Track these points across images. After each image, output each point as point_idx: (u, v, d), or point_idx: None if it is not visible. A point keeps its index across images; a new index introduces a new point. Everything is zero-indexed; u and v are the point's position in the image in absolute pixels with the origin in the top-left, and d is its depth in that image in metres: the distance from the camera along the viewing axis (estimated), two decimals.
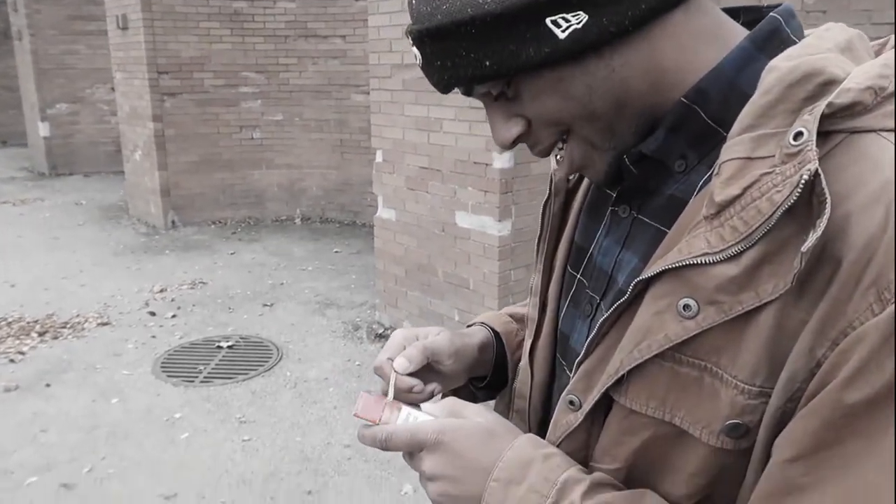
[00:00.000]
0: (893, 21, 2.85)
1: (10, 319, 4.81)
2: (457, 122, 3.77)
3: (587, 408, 0.61)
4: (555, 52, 0.55)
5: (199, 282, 5.64)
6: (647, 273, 0.55)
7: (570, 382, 0.64)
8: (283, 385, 3.91)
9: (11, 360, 4.19)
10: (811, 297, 0.48)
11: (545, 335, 0.75)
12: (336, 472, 3.08)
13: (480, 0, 0.55)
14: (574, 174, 0.74)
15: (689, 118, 0.58)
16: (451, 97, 3.72)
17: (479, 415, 0.65)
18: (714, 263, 0.50)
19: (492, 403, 0.89)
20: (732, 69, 0.57)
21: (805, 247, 0.45)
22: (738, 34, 0.59)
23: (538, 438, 0.65)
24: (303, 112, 7.32)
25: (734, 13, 0.63)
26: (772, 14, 0.59)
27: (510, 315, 0.90)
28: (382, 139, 4.30)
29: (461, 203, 3.86)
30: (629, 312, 0.57)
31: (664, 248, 0.56)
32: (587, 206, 0.73)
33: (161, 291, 5.40)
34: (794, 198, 0.47)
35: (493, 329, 0.87)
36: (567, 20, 0.54)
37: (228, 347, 4.38)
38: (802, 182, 0.46)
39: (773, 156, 0.49)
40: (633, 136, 0.60)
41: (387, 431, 0.65)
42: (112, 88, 8.52)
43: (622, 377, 0.57)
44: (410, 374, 0.73)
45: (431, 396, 0.74)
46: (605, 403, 0.60)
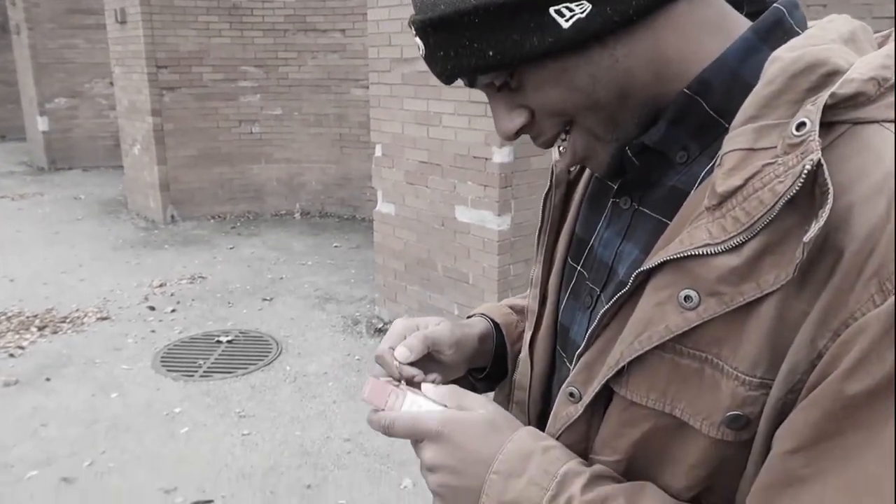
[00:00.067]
0: (894, 15, 2.84)
1: (10, 314, 4.81)
2: (456, 117, 3.77)
3: (587, 400, 0.61)
4: (558, 42, 0.54)
5: (199, 276, 5.64)
6: (649, 264, 0.55)
7: (571, 374, 0.64)
8: (283, 379, 3.91)
9: (11, 355, 4.19)
10: (813, 288, 0.47)
11: (545, 327, 0.75)
12: (336, 466, 3.08)
13: None
14: (576, 165, 0.74)
15: (692, 109, 0.58)
16: (451, 91, 3.72)
17: (481, 406, 0.66)
18: (715, 254, 0.50)
19: (491, 395, 0.89)
20: (735, 60, 0.57)
21: (807, 237, 0.45)
22: (742, 25, 0.59)
23: (538, 431, 0.65)
24: (302, 106, 7.31)
25: (738, 4, 0.63)
26: (775, 5, 0.59)
27: (510, 306, 0.90)
28: (382, 133, 4.29)
29: (461, 197, 3.85)
30: (630, 304, 0.57)
31: (665, 240, 0.56)
32: (588, 198, 0.73)
33: (160, 286, 5.40)
34: (797, 188, 0.47)
35: (493, 320, 0.87)
36: (571, 9, 0.53)
37: (228, 342, 4.38)
38: (805, 172, 0.46)
39: (776, 146, 0.49)
40: (636, 128, 0.60)
41: (390, 418, 0.66)
42: (111, 83, 8.50)
43: (622, 369, 0.57)
44: (411, 364, 0.73)
45: (433, 384, 0.74)
46: (606, 395, 0.60)
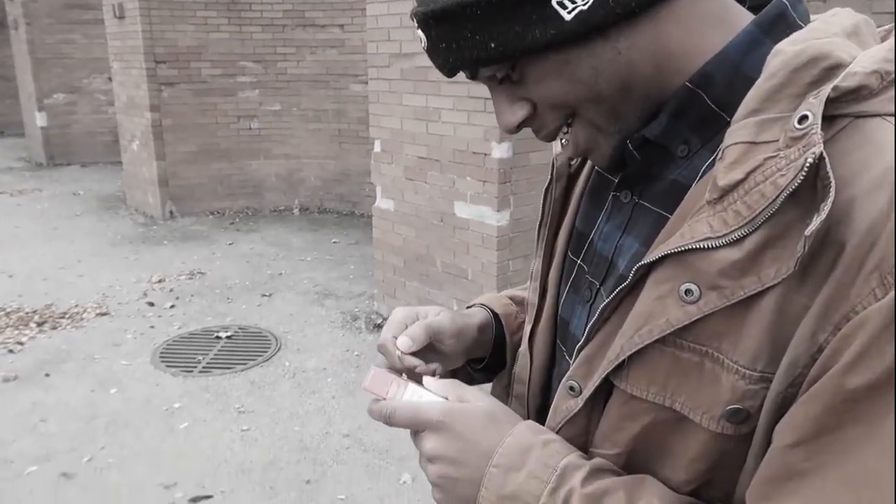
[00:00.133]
0: (894, 9, 2.84)
1: (9, 310, 4.81)
2: (455, 112, 3.76)
3: (587, 393, 0.61)
4: (560, 34, 0.54)
5: (198, 272, 5.64)
6: (649, 258, 0.54)
7: (571, 368, 0.63)
8: (282, 375, 3.91)
9: (10, 351, 4.19)
10: (814, 282, 0.47)
11: (545, 320, 0.75)
12: (335, 462, 3.09)
13: None
14: (578, 158, 0.74)
15: (693, 103, 0.58)
16: (450, 86, 3.71)
17: (481, 399, 0.66)
18: (716, 248, 0.50)
19: (488, 387, 0.89)
20: (738, 53, 0.57)
21: (809, 230, 0.45)
22: (745, 18, 0.58)
23: (538, 425, 0.65)
24: (301, 102, 7.30)
25: None
26: None
27: (510, 297, 0.90)
28: (381, 129, 4.28)
29: (460, 193, 3.85)
30: (630, 298, 0.57)
31: (666, 233, 0.56)
32: (588, 192, 0.73)
33: (159, 282, 5.40)
34: (799, 181, 0.46)
35: (493, 311, 0.87)
36: (573, 1, 0.53)
37: (227, 338, 4.38)
38: (807, 165, 0.46)
39: (778, 140, 0.49)
40: (639, 121, 0.60)
41: (391, 407, 0.66)
42: (109, 78, 8.48)
43: (623, 362, 0.57)
44: (413, 354, 0.73)
45: (434, 374, 0.75)
46: (606, 389, 0.60)
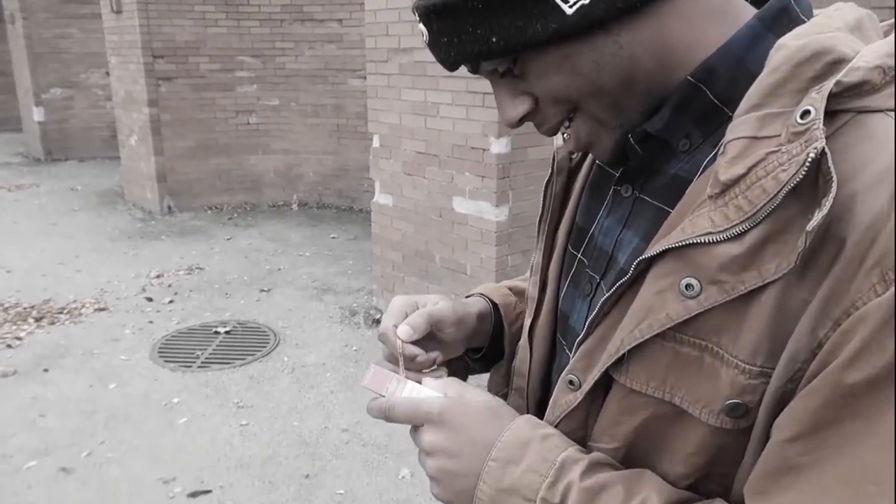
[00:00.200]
0: (894, 5, 2.84)
1: (7, 305, 4.80)
2: (454, 107, 3.75)
3: (587, 387, 0.61)
4: (562, 28, 0.54)
5: (196, 267, 5.63)
6: (650, 252, 0.54)
7: (570, 362, 0.64)
8: (281, 370, 3.92)
9: (9, 346, 4.19)
10: (814, 277, 0.47)
11: (545, 314, 0.75)
12: (334, 456, 3.09)
13: None
14: (579, 152, 0.74)
15: (695, 97, 0.57)
16: (448, 81, 3.70)
17: (479, 395, 0.66)
18: (717, 243, 0.50)
19: (485, 378, 0.90)
20: (740, 48, 0.56)
21: (810, 226, 0.45)
22: (747, 12, 0.58)
23: (536, 419, 0.65)
24: (299, 97, 7.28)
25: None
26: None
27: (509, 288, 0.90)
28: (379, 124, 4.27)
29: (458, 188, 3.85)
30: (630, 292, 0.57)
31: (667, 228, 0.56)
32: (589, 186, 0.73)
33: (158, 277, 5.39)
34: (800, 177, 0.46)
35: (492, 300, 0.87)
36: None
37: (226, 333, 4.38)
38: (809, 161, 0.46)
39: (780, 135, 0.49)
40: (640, 115, 0.60)
41: (390, 403, 0.67)
42: (107, 73, 8.44)
43: (622, 357, 0.57)
44: (413, 342, 0.73)
45: (433, 364, 0.75)
46: (605, 383, 0.60)
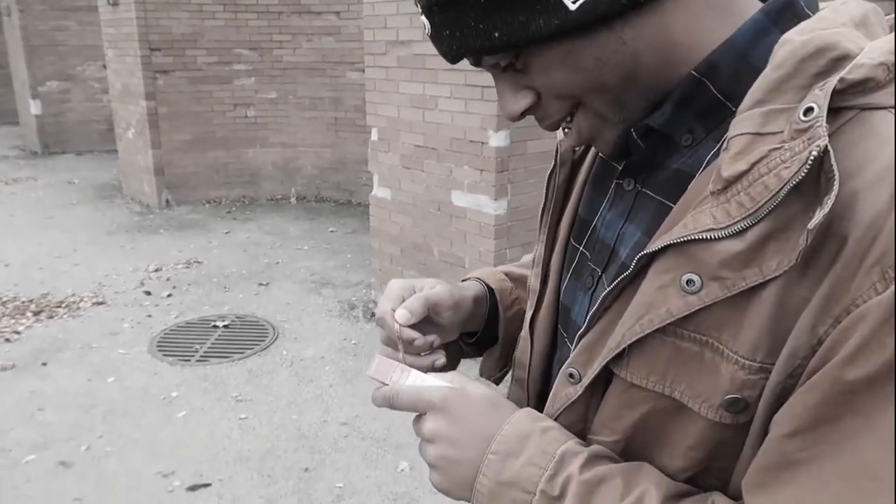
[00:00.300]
0: (894, 4, 2.83)
1: (5, 299, 4.80)
2: (452, 100, 3.74)
3: (587, 381, 0.61)
4: (565, 24, 0.54)
5: (195, 261, 5.63)
6: (652, 247, 0.54)
7: (571, 356, 0.64)
8: (280, 364, 3.92)
9: (7, 340, 4.19)
10: (815, 275, 0.47)
11: (546, 306, 0.75)
12: (333, 450, 3.10)
13: None
14: (582, 145, 0.74)
15: (698, 92, 0.57)
16: (447, 75, 3.69)
17: (481, 387, 0.67)
18: (719, 239, 0.50)
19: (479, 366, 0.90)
20: (744, 42, 0.56)
21: (812, 224, 0.45)
22: (752, 6, 0.58)
23: (536, 412, 0.65)
24: (297, 90, 7.26)
25: None
26: None
27: (505, 273, 0.90)
28: (377, 117, 4.26)
29: (457, 182, 3.84)
30: (632, 287, 0.57)
31: (669, 223, 0.55)
32: (592, 179, 0.73)
33: (156, 271, 5.39)
34: (803, 174, 0.46)
35: (488, 285, 0.87)
36: None
37: (224, 327, 4.38)
38: (811, 158, 0.46)
39: (783, 131, 0.49)
40: (643, 110, 0.60)
41: (394, 390, 0.68)
42: (103, 66, 8.40)
43: (623, 351, 0.57)
44: (411, 326, 0.73)
45: (431, 347, 0.76)
46: (605, 377, 0.60)
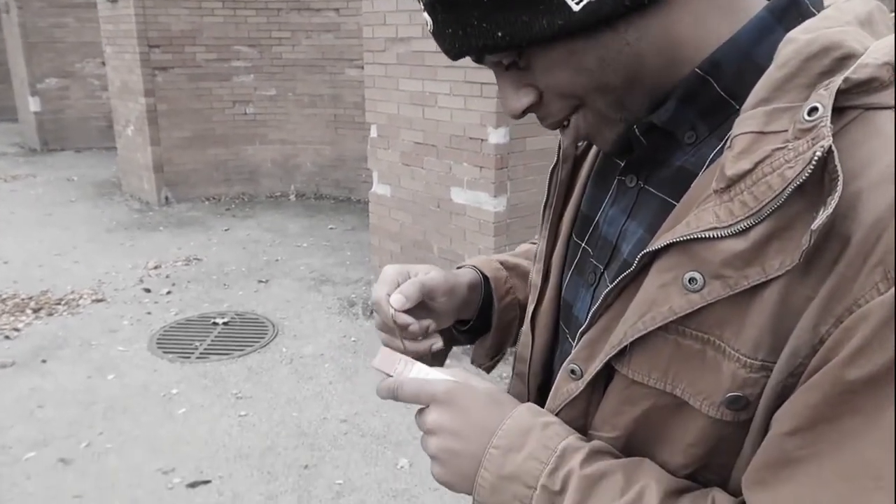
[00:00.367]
0: (894, 3, 2.82)
1: (5, 296, 4.80)
2: (452, 97, 3.74)
3: (588, 377, 0.61)
4: (568, 25, 0.53)
5: (194, 258, 5.63)
6: (654, 246, 0.54)
7: (573, 352, 0.64)
8: (279, 361, 3.92)
9: (7, 337, 4.19)
10: (818, 274, 0.47)
11: (547, 301, 0.76)
12: (332, 447, 3.11)
13: None
14: (581, 143, 0.74)
15: (702, 89, 0.57)
16: (446, 72, 3.69)
17: (484, 383, 0.67)
18: (722, 238, 0.50)
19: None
20: (749, 41, 0.56)
21: (815, 225, 0.45)
22: (757, 4, 0.57)
23: (537, 407, 0.65)
24: (296, 87, 7.25)
25: None
26: None
27: (501, 262, 0.91)
28: (377, 114, 4.26)
29: (456, 179, 3.84)
30: (634, 284, 0.57)
31: (672, 221, 0.56)
32: (594, 175, 0.73)
33: (156, 268, 5.39)
34: (806, 175, 0.46)
35: (483, 273, 0.88)
36: None
37: (224, 324, 4.38)
38: (815, 159, 0.45)
39: (787, 130, 0.49)
40: (645, 110, 0.60)
41: (398, 382, 0.68)
42: (102, 62, 8.39)
43: (625, 348, 0.57)
44: (406, 311, 0.74)
45: (426, 332, 0.76)
46: (606, 373, 0.60)
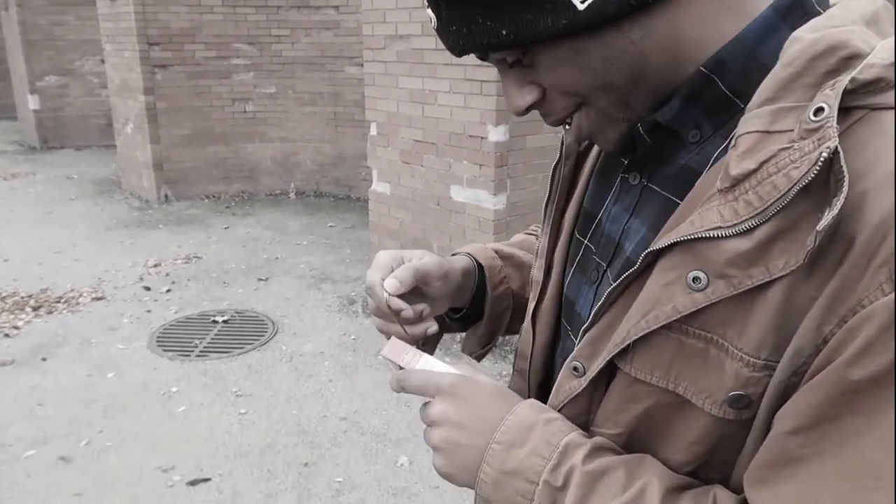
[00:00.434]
0: (895, 9, 2.83)
1: (4, 294, 4.80)
2: (451, 95, 3.74)
3: (591, 375, 0.61)
4: (573, 24, 0.53)
5: (194, 256, 5.63)
6: (658, 245, 0.54)
7: (575, 349, 0.64)
8: (279, 359, 3.92)
9: (6, 335, 4.19)
10: (822, 274, 0.47)
11: (549, 298, 0.75)
12: (332, 445, 3.11)
13: None
14: (583, 141, 0.74)
15: (707, 88, 0.57)
16: (446, 69, 3.69)
17: (488, 379, 0.67)
18: (726, 237, 0.50)
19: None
20: (754, 39, 0.56)
21: (821, 226, 0.44)
22: (762, 2, 0.57)
23: (540, 403, 0.65)
24: (296, 84, 7.24)
25: None
26: None
27: (496, 251, 0.91)
28: (377, 112, 4.26)
29: (456, 177, 3.84)
30: (637, 283, 0.57)
31: (676, 220, 0.55)
32: (597, 172, 0.73)
33: (155, 266, 5.39)
34: (812, 175, 0.46)
35: (477, 261, 0.88)
36: None
37: (224, 322, 4.38)
38: (821, 160, 0.45)
39: (792, 130, 0.48)
40: (648, 109, 0.60)
41: (406, 372, 0.69)
42: (102, 60, 8.39)
43: (628, 346, 0.57)
44: (400, 297, 0.74)
45: (420, 317, 0.76)
46: (609, 371, 0.60)
